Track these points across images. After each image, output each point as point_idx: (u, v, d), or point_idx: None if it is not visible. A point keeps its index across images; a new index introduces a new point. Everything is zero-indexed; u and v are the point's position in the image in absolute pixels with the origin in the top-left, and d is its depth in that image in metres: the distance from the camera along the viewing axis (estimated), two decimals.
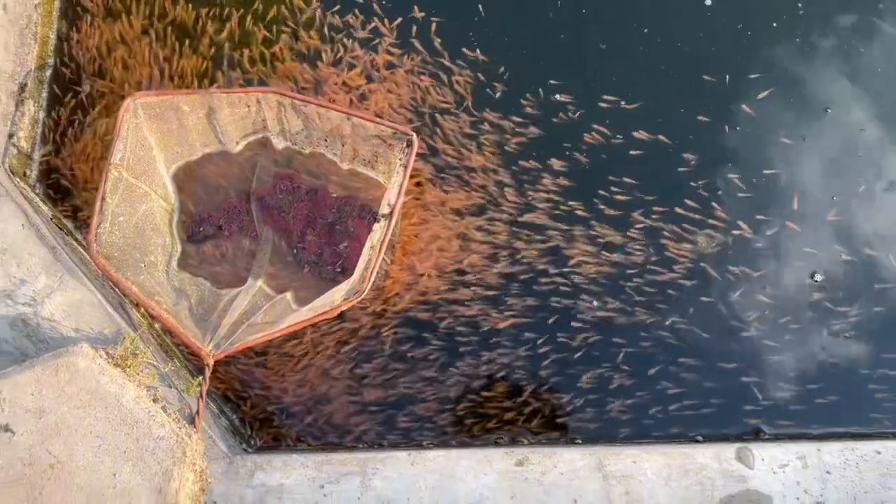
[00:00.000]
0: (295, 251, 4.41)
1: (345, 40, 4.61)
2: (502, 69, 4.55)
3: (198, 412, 3.65)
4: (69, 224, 4.33)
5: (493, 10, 4.64)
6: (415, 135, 4.07)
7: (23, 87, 4.39)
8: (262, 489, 3.57)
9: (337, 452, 3.75)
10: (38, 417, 3.32)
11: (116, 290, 4.03)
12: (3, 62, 4.24)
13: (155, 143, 4.26)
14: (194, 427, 3.60)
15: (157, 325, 4.07)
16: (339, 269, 4.37)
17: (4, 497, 3.23)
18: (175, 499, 3.25)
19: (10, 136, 4.27)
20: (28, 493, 3.23)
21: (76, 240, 4.21)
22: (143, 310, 4.02)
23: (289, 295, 4.22)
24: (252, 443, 3.99)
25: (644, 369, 4.08)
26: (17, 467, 3.26)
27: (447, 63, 4.55)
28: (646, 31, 4.55)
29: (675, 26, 4.56)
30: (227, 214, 4.47)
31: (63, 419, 3.32)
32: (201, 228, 4.45)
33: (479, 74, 4.54)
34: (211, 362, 3.72)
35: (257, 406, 4.10)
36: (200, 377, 3.72)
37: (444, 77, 4.54)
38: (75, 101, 4.55)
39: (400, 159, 4.16)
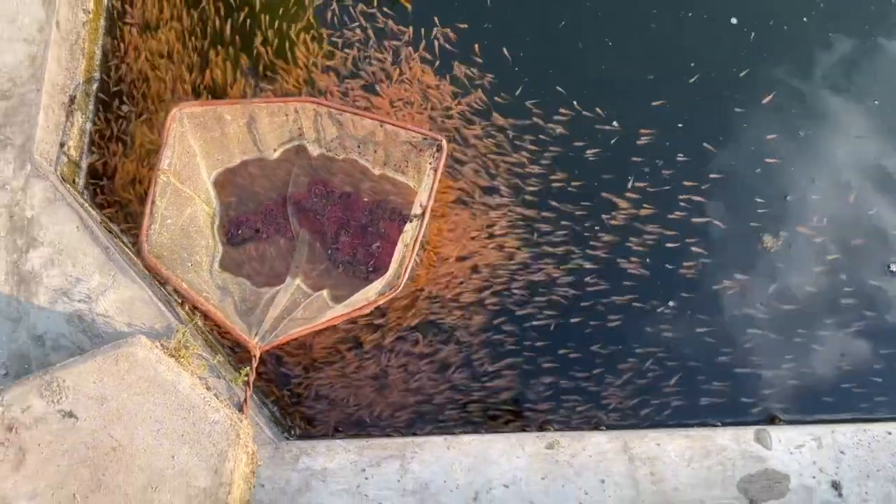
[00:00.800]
0: (329, 252, 4.64)
1: (378, 55, 4.90)
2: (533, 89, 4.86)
3: (245, 400, 3.87)
4: (115, 227, 4.56)
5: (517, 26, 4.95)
6: (444, 140, 4.33)
7: (72, 99, 4.65)
8: (306, 472, 3.78)
9: (377, 438, 3.96)
10: (100, 404, 3.54)
11: (164, 288, 4.26)
12: (55, 75, 4.51)
13: (198, 151, 4.52)
14: (243, 414, 3.81)
15: (201, 323, 4.29)
16: (371, 269, 4.60)
17: (70, 478, 3.44)
18: (230, 478, 3.46)
19: (62, 144, 4.52)
20: (92, 474, 3.45)
21: (123, 242, 4.44)
22: (188, 307, 4.26)
23: (325, 293, 4.44)
24: (292, 432, 4.20)
25: (674, 367, 4.32)
26: (81, 450, 3.48)
27: (470, 73, 4.84)
28: (693, 64, 4.85)
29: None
30: (264, 218, 4.71)
31: (124, 405, 3.54)
32: (240, 231, 4.69)
33: (500, 83, 4.82)
34: (257, 353, 3.95)
35: (298, 399, 4.31)
36: (247, 367, 3.94)
37: (468, 85, 4.81)
38: (118, 113, 4.81)
39: (430, 163, 4.41)
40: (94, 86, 4.87)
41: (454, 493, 3.73)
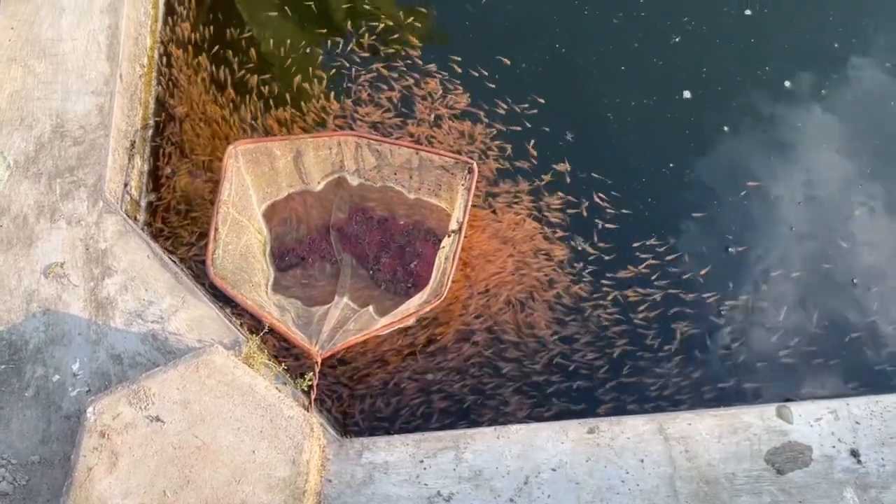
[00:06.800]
0: (371, 272, 5.06)
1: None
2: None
3: (311, 402, 4.23)
4: (175, 258, 4.98)
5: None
6: (475, 163, 4.80)
7: (133, 144, 5.12)
8: (369, 466, 4.11)
9: (432, 431, 4.31)
10: (184, 408, 3.90)
11: (225, 309, 4.64)
12: (120, 122, 4.98)
13: (251, 184, 4.97)
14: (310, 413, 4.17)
15: (257, 342, 4.67)
16: (410, 286, 5.01)
17: (160, 477, 3.78)
18: (307, 468, 3.80)
19: (126, 184, 4.97)
20: (180, 472, 3.79)
21: (183, 270, 4.84)
22: (246, 327, 4.65)
23: (371, 308, 4.84)
24: (348, 436, 4.53)
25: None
26: (168, 451, 3.83)
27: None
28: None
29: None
30: (309, 246, 5.14)
31: (206, 407, 3.90)
32: (286, 258, 5.11)
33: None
34: (319, 359, 4.33)
35: (352, 404, 4.68)
36: (310, 373, 4.31)
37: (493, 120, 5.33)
38: (169, 157, 5.30)
39: (462, 184, 4.87)
40: (150, 132, 5.35)
41: (506, 479, 4.06)
